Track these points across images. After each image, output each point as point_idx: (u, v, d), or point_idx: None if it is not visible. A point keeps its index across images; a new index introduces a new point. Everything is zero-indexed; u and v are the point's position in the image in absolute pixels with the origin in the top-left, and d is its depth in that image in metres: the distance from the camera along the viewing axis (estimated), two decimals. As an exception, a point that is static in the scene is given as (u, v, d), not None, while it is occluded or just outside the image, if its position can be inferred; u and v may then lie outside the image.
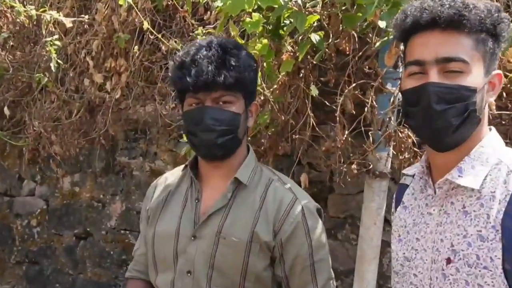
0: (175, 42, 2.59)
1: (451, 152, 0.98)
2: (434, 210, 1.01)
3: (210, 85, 1.24)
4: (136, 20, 2.60)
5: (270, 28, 1.73)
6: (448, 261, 0.96)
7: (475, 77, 0.94)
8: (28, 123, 3.28)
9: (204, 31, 2.20)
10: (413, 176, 1.11)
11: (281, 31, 1.76)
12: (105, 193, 3.14)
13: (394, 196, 1.18)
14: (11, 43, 3.34)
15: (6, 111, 3.32)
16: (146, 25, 2.21)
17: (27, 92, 3.34)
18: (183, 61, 1.28)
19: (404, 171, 1.15)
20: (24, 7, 2.95)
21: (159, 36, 2.52)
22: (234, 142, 1.31)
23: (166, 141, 2.84)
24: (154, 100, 2.83)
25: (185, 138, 1.96)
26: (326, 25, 1.67)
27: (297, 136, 1.91)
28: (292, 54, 1.73)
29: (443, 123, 0.94)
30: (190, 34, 2.62)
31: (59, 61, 2.97)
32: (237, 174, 1.33)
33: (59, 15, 2.84)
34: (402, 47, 1.58)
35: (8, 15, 3.18)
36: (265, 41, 1.60)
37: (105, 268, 3.14)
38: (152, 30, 2.47)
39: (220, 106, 1.27)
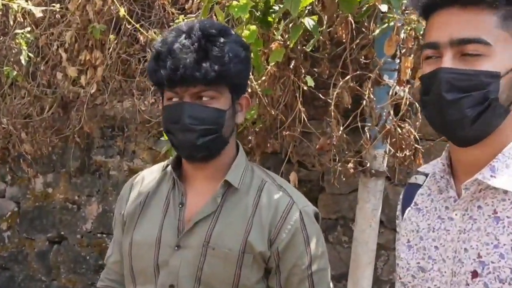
0: (154, 32, 2.43)
1: (478, 147, 0.86)
2: (456, 214, 0.89)
3: (187, 80, 1.10)
4: (112, 8, 2.44)
5: (258, 14, 1.59)
6: (474, 274, 0.83)
7: (499, 60, 0.81)
8: (-3, 120, 3.10)
9: (185, 20, 2.05)
10: (427, 175, 0.98)
11: (269, 18, 1.63)
12: (80, 194, 3.01)
13: (401, 196, 1.06)
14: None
15: (-27, 107, 3.14)
16: (122, 12, 2.05)
17: (-4, 87, 3.15)
18: (160, 51, 1.14)
19: (419, 169, 1.02)
20: (-10, -5, 2.76)
21: (137, 26, 2.36)
22: (218, 142, 1.17)
23: (145, 139, 2.70)
24: (132, 95, 2.69)
25: (166, 136, 1.82)
26: (319, 11, 1.54)
27: (287, 133, 1.77)
28: (282, 43, 1.59)
29: (456, 115, 0.82)
30: (171, 24, 2.46)
31: (29, 54, 2.79)
32: (227, 176, 1.18)
33: (28, 4, 2.66)
34: (402, 34, 1.48)
35: (-26, 4, 2.97)
36: (253, 27, 1.46)
37: (80, 274, 3.00)
38: (130, 20, 2.31)
39: (202, 102, 1.13)
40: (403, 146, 1.52)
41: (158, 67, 1.12)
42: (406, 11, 1.49)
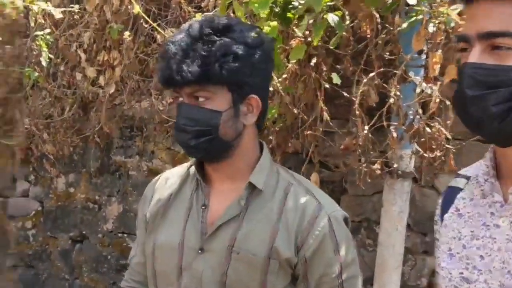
0: (171, 31, 2.40)
1: None
2: (503, 221, 0.81)
3: (170, 82, 1.09)
4: (129, 7, 2.41)
5: (277, 10, 1.54)
6: None
7: None
8: (20, 121, 3.12)
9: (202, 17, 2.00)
10: (468, 178, 0.91)
11: (289, 14, 1.57)
12: (100, 194, 3.00)
13: (440, 200, 0.99)
14: (1, 38, 3.16)
15: (-3, 108, 3.17)
16: (137, 9, 2.01)
17: (18, 88, 3.16)
18: (161, 51, 1.14)
19: (460, 172, 0.95)
20: (10, -3, 2.76)
21: (154, 25, 2.32)
22: (216, 144, 1.11)
23: (163, 139, 2.67)
24: (150, 95, 2.66)
25: None
26: (340, 5, 1.47)
27: (308, 132, 1.71)
28: (303, 39, 1.53)
29: (479, 112, 0.76)
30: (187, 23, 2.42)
31: (50, 55, 2.80)
32: (251, 178, 1.14)
33: (48, 5, 2.65)
34: (431, 28, 1.40)
35: (-5, 6, 2.99)
36: (274, 23, 1.41)
37: (102, 273, 3.00)
38: (147, 19, 2.28)
39: (197, 103, 1.09)
40: (433, 146, 1.45)
41: (158, 67, 1.13)
42: (434, 4, 1.42)
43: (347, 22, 1.50)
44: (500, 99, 0.75)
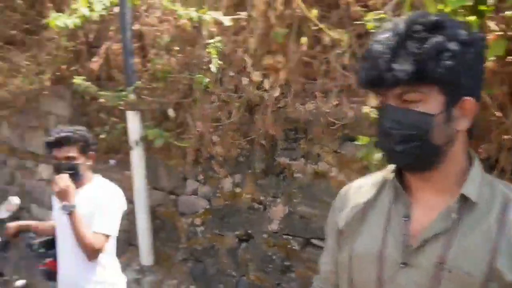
0: (338, 32, 2.33)
1: None
2: None
3: (378, 82, 1.02)
4: (297, 10, 2.41)
5: (470, 4, 1.37)
6: None
7: None
8: (191, 124, 3.34)
9: (376, 17, 1.89)
10: None
11: (481, 7, 1.39)
12: (265, 195, 3.05)
13: None
14: (174, 47, 3.44)
15: (171, 112, 3.44)
16: (314, 13, 2.00)
17: (189, 93, 3.40)
18: (365, 51, 1.08)
19: None
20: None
21: (322, 27, 2.28)
22: (427, 150, 1.03)
23: (330, 142, 2.61)
24: (314, 97, 2.62)
25: (363, 139, 1.73)
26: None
27: (506, 137, 1.50)
28: (502, 33, 1.34)
29: None
30: (354, 23, 2.33)
31: (219, 61, 2.95)
32: (464, 189, 1.03)
33: (219, 14, 2.80)
34: None
35: (171, 18, 3.27)
36: (472, 17, 1.25)
37: (267, 273, 3.06)
38: (316, 22, 2.25)
39: (406, 105, 1.02)
40: None
41: (361, 68, 1.07)
42: None
43: None
44: None
